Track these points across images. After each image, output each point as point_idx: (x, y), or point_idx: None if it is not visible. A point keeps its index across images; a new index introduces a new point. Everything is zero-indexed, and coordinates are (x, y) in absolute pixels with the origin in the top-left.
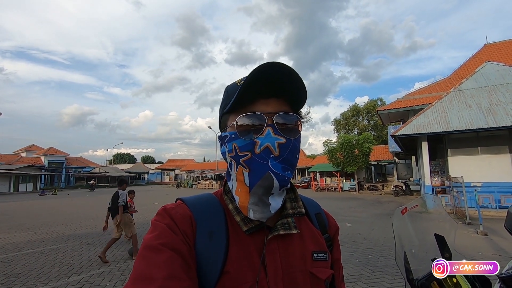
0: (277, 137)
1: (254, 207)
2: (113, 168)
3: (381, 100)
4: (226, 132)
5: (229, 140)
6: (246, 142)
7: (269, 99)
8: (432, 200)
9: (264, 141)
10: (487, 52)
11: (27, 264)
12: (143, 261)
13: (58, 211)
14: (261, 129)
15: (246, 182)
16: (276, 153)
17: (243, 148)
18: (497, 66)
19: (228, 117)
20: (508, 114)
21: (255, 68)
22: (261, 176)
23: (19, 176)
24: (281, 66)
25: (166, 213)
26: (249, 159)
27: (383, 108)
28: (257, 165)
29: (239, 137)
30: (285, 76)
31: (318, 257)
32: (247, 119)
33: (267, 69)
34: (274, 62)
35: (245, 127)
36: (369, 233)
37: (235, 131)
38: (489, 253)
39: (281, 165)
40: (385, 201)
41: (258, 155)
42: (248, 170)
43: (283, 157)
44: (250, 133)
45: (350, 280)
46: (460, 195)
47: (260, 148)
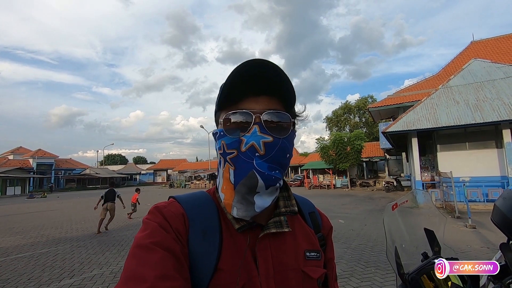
0: (263, 135)
1: (238, 205)
2: (104, 170)
3: (372, 97)
4: (217, 129)
5: (218, 137)
6: (232, 140)
7: (260, 96)
8: (422, 195)
9: (249, 139)
10: (474, 49)
11: (16, 269)
12: (134, 260)
13: (48, 214)
14: (248, 127)
15: (231, 179)
16: (261, 151)
17: (230, 146)
18: (484, 63)
19: (220, 114)
20: (494, 110)
21: (240, 64)
22: (245, 174)
23: (6, 179)
24: (267, 63)
25: (158, 211)
26: (235, 157)
27: (374, 106)
28: (242, 163)
29: (226, 134)
30: (272, 73)
31: (311, 256)
32: (234, 117)
33: (254, 65)
34: (259, 59)
35: (232, 125)
36: (361, 229)
37: (223, 128)
38: (478, 246)
39: (267, 164)
40: (377, 197)
41: (243, 153)
42: (234, 168)
43: (270, 156)
44: (237, 130)
45: (343, 276)
46: (449, 189)
47: (245, 146)
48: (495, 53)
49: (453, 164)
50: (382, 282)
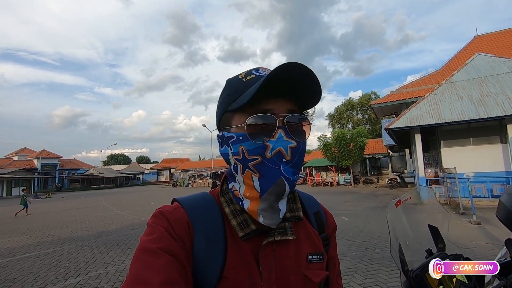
0: (289, 140)
1: (263, 213)
2: (107, 169)
3: (375, 93)
4: (231, 133)
5: (235, 142)
6: (256, 146)
7: (278, 97)
8: (426, 191)
9: (276, 145)
10: (477, 43)
11: (22, 269)
12: (140, 264)
13: (53, 215)
14: (272, 131)
15: (256, 187)
16: (288, 157)
17: (253, 152)
18: (487, 57)
19: (233, 116)
20: (498, 104)
21: (277, 67)
22: (273, 182)
23: (11, 180)
24: (296, 65)
25: (163, 216)
26: (259, 164)
27: (377, 102)
28: (268, 171)
29: (249, 139)
30: (298, 75)
31: (313, 259)
32: (258, 120)
33: (286, 68)
34: (292, 62)
35: (256, 129)
36: (365, 226)
37: (245, 132)
38: (482, 242)
39: (292, 169)
40: (380, 194)
41: (269, 160)
42: (259, 175)
43: (294, 161)
44: (261, 135)
45: (347, 273)
46: (453, 185)
47: (271, 152)
48: (499, 47)
49: (457, 160)
50: (386, 279)
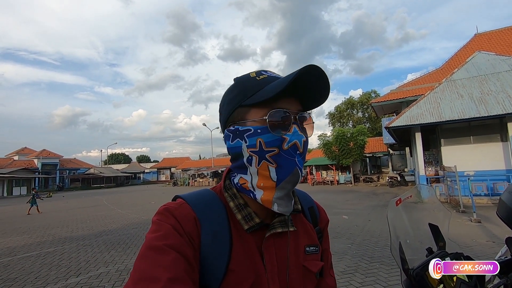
0: (302, 135)
1: (279, 201)
2: (108, 169)
3: (375, 92)
4: (248, 126)
5: (251, 135)
6: (275, 138)
7: (291, 98)
8: (426, 190)
9: (292, 138)
10: (478, 42)
11: (23, 268)
12: (147, 261)
13: (54, 214)
14: (289, 125)
15: (272, 177)
16: (301, 149)
17: (271, 144)
18: (488, 55)
19: (249, 110)
20: (499, 103)
21: (301, 68)
22: (290, 171)
23: (12, 179)
24: (314, 69)
25: (169, 213)
26: (277, 155)
27: (377, 101)
28: (285, 161)
29: (269, 131)
30: (315, 78)
31: (310, 251)
32: (278, 115)
33: (308, 70)
34: (314, 65)
35: (276, 123)
36: (365, 225)
37: (265, 126)
38: (483, 240)
39: (302, 161)
40: (380, 193)
41: (286, 151)
42: (276, 165)
43: (304, 154)
44: (278, 129)
45: (347, 272)
46: (453, 184)
47: (288, 144)
48: (499, 45)
49: (458, 158)
50: (386, 278)
